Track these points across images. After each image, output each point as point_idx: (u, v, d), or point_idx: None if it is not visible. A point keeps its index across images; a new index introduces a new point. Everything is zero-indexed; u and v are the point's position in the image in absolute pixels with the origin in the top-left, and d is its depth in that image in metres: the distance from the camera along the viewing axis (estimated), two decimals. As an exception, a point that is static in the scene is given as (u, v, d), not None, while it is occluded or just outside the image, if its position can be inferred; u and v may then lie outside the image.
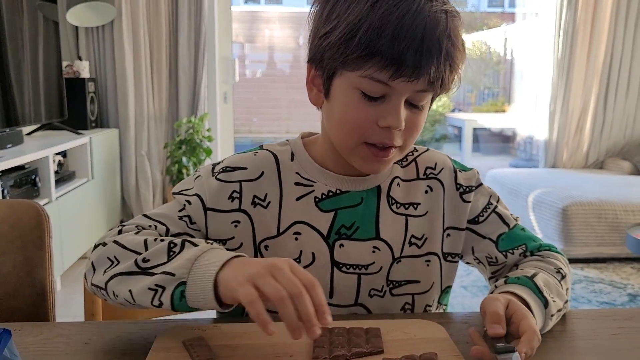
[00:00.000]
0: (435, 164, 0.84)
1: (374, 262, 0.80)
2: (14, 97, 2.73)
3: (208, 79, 3.88)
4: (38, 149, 2.73)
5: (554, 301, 0.71)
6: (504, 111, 6.90)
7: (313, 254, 0.79)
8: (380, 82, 0.68)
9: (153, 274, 0.63)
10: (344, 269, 0.79)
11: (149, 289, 0.62)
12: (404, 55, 0.65)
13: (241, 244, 0.79)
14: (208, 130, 3.77)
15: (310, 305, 0.55)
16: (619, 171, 4.13)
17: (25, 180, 2.60)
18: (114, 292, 0.66)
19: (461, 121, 5.65)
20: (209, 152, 3.72)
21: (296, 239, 0.79)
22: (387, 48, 0.65)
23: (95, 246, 0.73)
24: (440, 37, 0.66)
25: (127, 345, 0.67)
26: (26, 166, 2.65)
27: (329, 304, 0.78)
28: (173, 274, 0.62)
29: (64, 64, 3.44)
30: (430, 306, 0.84)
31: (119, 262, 0.67)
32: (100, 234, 3.06)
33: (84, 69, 3.55)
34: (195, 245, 0.65)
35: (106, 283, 0.67)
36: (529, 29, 5.66)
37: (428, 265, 0.82)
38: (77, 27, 3.61)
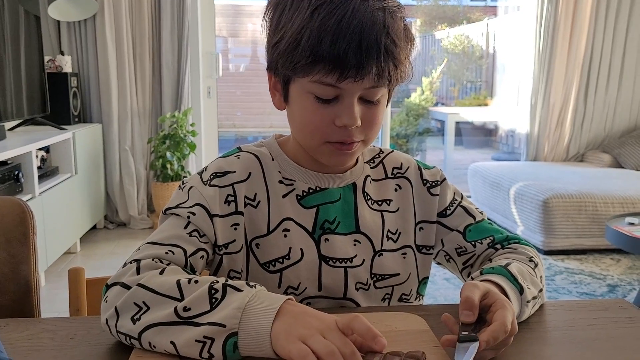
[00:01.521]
0: (401, 163, 0.88)
1: (356, 255, 0.82)
2: (-5, 92, 2.70)
3: (191, 74, 3.87)
4: (21, 144, 2.71)
5: (528, 288, 0.73)
6: (486, 105, 6.96)
7: (301, 249, 0.80)
8: (329, 85, 0.70)
9: (198, 324, 0.60)
10: (330, 262, 0.81)
11: (197, 340, 0.59)
12: (345, 58, 0.67)
13: (241, 246, 0.80)
14: (192, 125, 3.76)
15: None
16: (599, 164, 4.20)
17: (8, 175, 2.58)
18: (150, 342, 0.62)
19: (444, 115, 5.69)
20: (193, 146, 3.71)
21: (285, 235, 0.80)
22: (328, 53, 0.67)
23: (110, 286, 0.69)
24: (377, 36, 0.67)
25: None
26: (9, 162, 2.63)
27: (319, 297, 0.80)
28: (223, 325, 0.59)
29: (46, 58, 3.41)
30: (406, 295, 0.87)
31: (149, 309, 0.63)
32: (84, 229, 3.03)
33: (66, 64, 3.52)
34: (238, 289, 0.62)
35: (140, 333, 0.63)
36: (510, 23, 5.71)
37: (405, 257, 0.85)
38: (58, 22, 3.57)
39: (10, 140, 2.81)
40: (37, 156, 2.85)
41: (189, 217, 0.76)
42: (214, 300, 0.61)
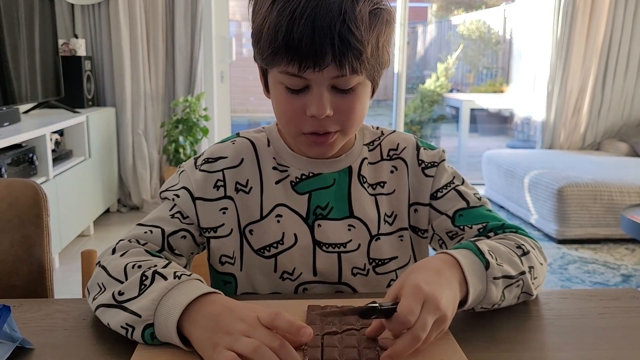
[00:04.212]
0: (398, 144, 0.86)
1: (350, 240, 0.81)
2: (10, 75, 2.72)
3: (205, 58, 3.86)
4: (35, 127, 2.73)
5: (499, 265, 0.68)
6: (502, 91, 6.88)
7: (295, 235, 0.80)
8: (295, 76, 0.69)
9: (126, 309, 0.63)
10: (324, 247, 0.81)
11: (121, 326, 0.62)
12: (300, 49, 0.66)
13: (231, 229, 0.81)
14: (205, 109, 3.76)
15: (294, 352, 0.55)
16: (615, 152, 4.14)
17: (23, 158, 2.60)
18: (100, 320, 0.66)
19: (459, 102, 5.63)
20: (205, 131, 3.71)
21: (278, 221, 0.81)
22: (285, 45, 0.66)
23: (96, 262, 0.74)
24: (332, 24, 0.65)
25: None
26: (23, 144, 2.65)
27: (315, 282, 0.80)
28: (139, 315, 0.61)
29: (60, 42, 3.42)
30: None
31: (104, 290, 0.67)
32: (98, 213, 3.07)
33: (80, 47, 3.53)
34: (164, 278, 0.64)
35: (94, 311, 0.67)
36: (528, 9, 5.62)
37: (402, 240, 0.84)
38: (72, 5, 3.58)
39: (24, 123, 2.84)
40: (51, 139, 2.87)
41: (173, 199, 0.80)
42: (142, 286, 0.64)
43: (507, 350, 0.63)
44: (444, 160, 0.86)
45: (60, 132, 3.17)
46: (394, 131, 0.89)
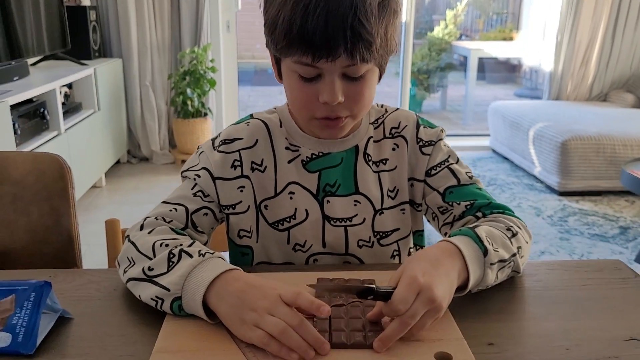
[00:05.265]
0: (399, 122, 0.91)
1: (356, 215, 0.88)
2: (17, 28, 2.72)
3: (210, 7, 3.82)
4: (44, 81, 2.76)
5: (495, 251, 0.73)
6: (511, 38, 6.76)
7: (306, 210, 0.87)
8: (308, 65, 0.73)
9: (156, 283, 0.69)
10: (332, 222, 0.87)
11: (152, 299, 0.69)
12: (314, 40, 0.70)
13: (248, 206, 0.87)
14: (212, 61, 3.76)
15: (312, 329, 0.61)
16: (622, 104, 4.14)
17: (34, 113, 2.65)
18: (131, 291, 0.74)
19: (467, 50, 5.56)
20: (212, 83, 3.73)
21: (291, 197, 0.87)
22: (299, 36, 0.70)
23: (125, 236, 0.80)
24: (344, 17, 0.69)
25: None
26: (34, 99, 2.69)
27: (324, 253, 0.87)
28: (168, 289, 0.68)
29: (65, -8, 3.39)
30: (412, 248, 0.93)
31: (134, 264, 0.74)
32: (109, 164, 3.15)
33: (85, -3, 3.50)
34: (190, 256, 0.70)
35: (125, 283, 0.75)
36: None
37: (403, 213, 0.90)
38: (75, -47, 3.52)
39: (33, 77, 2.86)
40: (60, 92, 2.90)
41: (195, 179, 0.86)
42: (170, 263, 0.70)
43: (497, 321, 0.71)
44: (441, 139, 0.91)
45: (69, 85, 3.20)
46: (397, 109, 0.93)
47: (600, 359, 0.63)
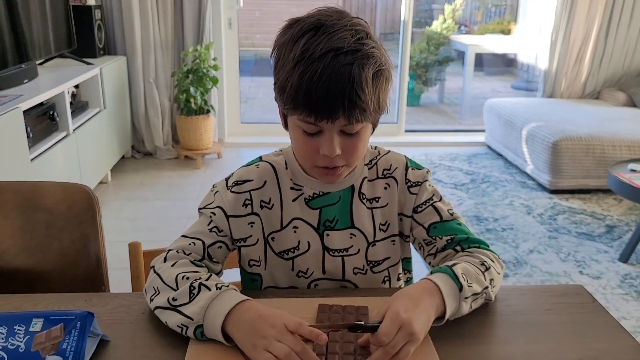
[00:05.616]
0: (391, 165, 1.03)
1: (352, 246, 1.00)
2: (24, 31, 2.80)
3: (212, 5, 3.91)
4: (53, 83, 2.85)
5: (469, 286, 0.85)
6: (509, 30, 6.84)
7: (308, 242, 0.99)
8: (311, 124, 0.85)
9: (180, 312, 0.82)
10: (331, 252, 1.00)
11: (177, 326, 0.82)
12: (317, 106, 0.82)
13: (257, 239, 1.00)
14: (214, 59, 3.85)
15: (312, 353, 0.75)
16: (614, 102, 4.24)
17: (44, 115, 2.75)
18: (157, 316, 0.86)
19: (464, 46, 5.64)
20: (215, 80, 3.82)
21: (295, 231, 0.99)
22: (304, 102, 0.82)
23: (151, 267, 0.93)
24: (343, 89, 0.81)
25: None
26: (44, 102, 2.79)
27: (324, 279, 1.00)
28: (192, 319, 0.80)
29: (71, -8, 3.46)
30: (400, 274, 1.07)
31: (159, 293, 0.87)
32: (114, 160, 3.28)
33: (91, -2, 3.58)
34: (208, 289, 0.83)
35: (153, 310, 0.87)
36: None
37: (393, 244, 1.03)
38: (81, -46, 3.59)
39: (42, 78, 2.95)
40: (68, 92, 2.99)
41: (211, 216, 0.98)
42: (192, 295, 0.83)
43: (470, 344, 0.83)
44: (426, 180, 1.03)
45: (76, 85, 3.29)
46: (389, 151, 1.05)
47: (554, 379, 0.76)
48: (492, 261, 0.94)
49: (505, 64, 7.53)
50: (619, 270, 2.64)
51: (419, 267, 1.10)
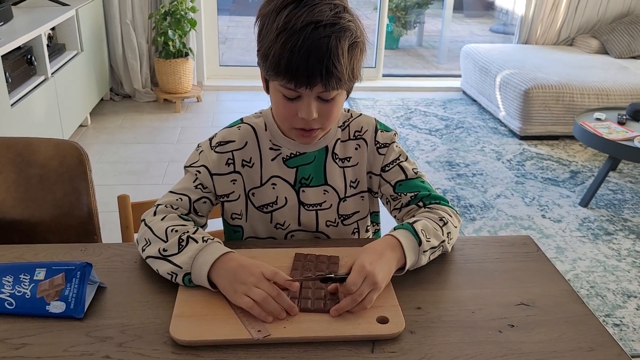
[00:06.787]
0: (362, 127, 1.11)
1: (325, 201, 1.11)
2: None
3: (189, -58, 3.81)
4: (29, 26, 2.82)
5: (427, 240, 0.96)
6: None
7: (285, 197, 1.09)
8: (291, 90, 0.93)
9: (170, 261, 0.91)
10: (306, 207, 1.10)
11: (168, 273, 0.91)
12: (297, 75, 0.89)
13: (239, 195, 1.09)
14: (192, 1, 3.80)
15: (286, 298, 0.86)
16: (586, 49, 4.33)
17: (22, 60, 2.74)
18: (148, 265, 0.95)
19: (444, -12, 5.60)
20: (193, 23, 3.79)
21: (273, 187, 1.09)
22: (285, 71, 0.89)
23: (142, 220, 1.01)
24: (321, 59, 0.88)
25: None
26: (21, 46, 2.77)
27: (299, 230, 1.10)
28: (181, 267, 0.90)
29: None
30: (369, 226, 1.18)
31: (150, 244, 0.95)
32: (93, 104, 3.33)
33: None
34: (195, 241, 0.92)
35: (145, 259, 0.96)
36: None
37: (362, 199, 1.14)
38: None
39: (17, 21, 2.91)
40: (44, 34, 2.97)
41: (196, 174, 1.06)
42: (181, 246, 0.93)
43: (425, 289, 0.95)
44: (394, 142, 1.12)
45: (52, 27, 3.25)
46: (360, 114, 1.13)
47: (495, 319, 0.89)
48: (450, 216, 1.05)
49: (485, 6, 7.49)
50: (579, 214, 2.81)
51: (386, 220, 1.21)
